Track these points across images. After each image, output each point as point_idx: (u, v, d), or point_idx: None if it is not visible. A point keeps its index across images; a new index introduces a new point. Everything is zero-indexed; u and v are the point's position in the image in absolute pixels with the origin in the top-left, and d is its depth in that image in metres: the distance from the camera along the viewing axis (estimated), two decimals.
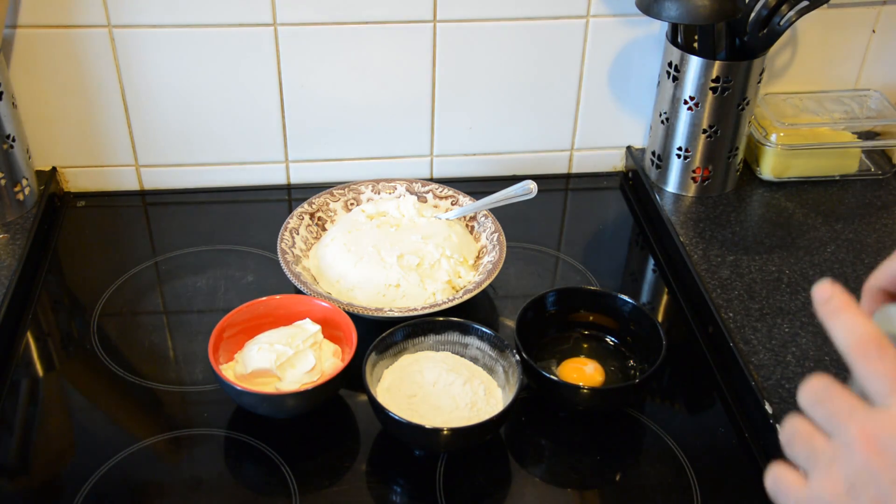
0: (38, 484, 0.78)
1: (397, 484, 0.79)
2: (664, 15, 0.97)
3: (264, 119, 1.12)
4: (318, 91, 1.10)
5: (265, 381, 0.81)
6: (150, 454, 0.80)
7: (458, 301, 0.90)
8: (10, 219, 1.04)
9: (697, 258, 1.00)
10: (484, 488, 0.79)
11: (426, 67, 1.10)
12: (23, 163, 1.04)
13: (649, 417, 0.85)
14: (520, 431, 0.84)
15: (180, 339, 0.94)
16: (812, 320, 0.91)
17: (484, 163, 1.19)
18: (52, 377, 0.90)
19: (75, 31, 1.02)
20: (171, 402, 0.86)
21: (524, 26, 1.08)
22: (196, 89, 1.08)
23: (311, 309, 0.87)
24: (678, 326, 0.98)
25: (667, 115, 1.09)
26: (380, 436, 0.82)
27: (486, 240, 1.01)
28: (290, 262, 0.94)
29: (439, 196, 1.06)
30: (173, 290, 1.00)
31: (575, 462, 0.81)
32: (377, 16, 1.05)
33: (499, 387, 0.83)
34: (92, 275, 1.02)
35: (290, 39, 1.06)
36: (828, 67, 1.17)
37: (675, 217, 1.08)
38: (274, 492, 0.77)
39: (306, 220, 1.02)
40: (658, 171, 1.13)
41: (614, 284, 1.04)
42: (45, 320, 0.96)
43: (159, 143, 1.12)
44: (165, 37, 1.04)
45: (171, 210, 1.14)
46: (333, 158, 1.16)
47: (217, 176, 1.16)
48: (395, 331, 0.85)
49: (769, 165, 1.13)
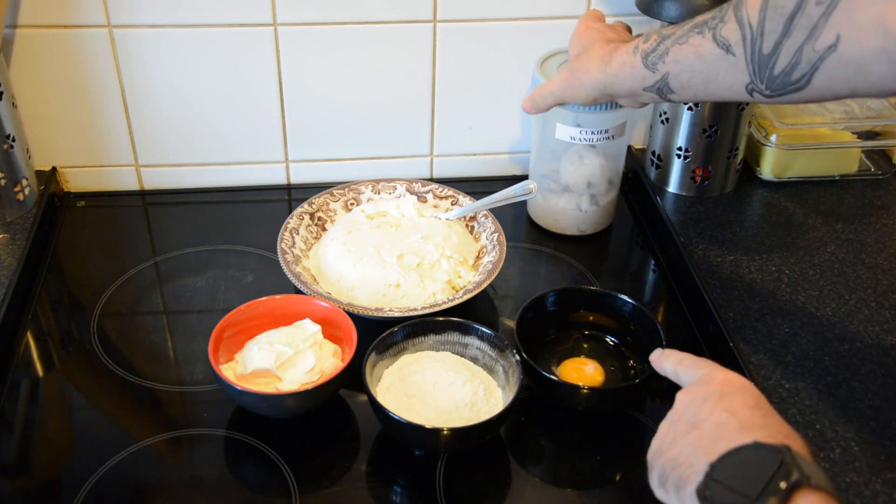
0: (38, 484, 0.78)
1: (397, 484, 0.79)
2: (664, 15, 0.97)
3: (264, 119, 1.12)
4: (319, 91, 1.10)
5: (265, 381, 0.81)
6: (150, 454, 0.80)
7: (458, 301, 0.90)
8: (10, 219, 1.04)
9: (697, 258, 1.00)
10: (484, 488, 0.79)
11: (426, 67, 1.10)
12: (23, 163, 1.04)
13: (649, 417, 0.85)
14: (520, 431, 0.84)
15: (180, 339, 0.94)
16: (812, 320, 0.91)
17: (484, 163, 1.19)
18: (52, 377, 0.90)
19: (75, 31, 1.02)
20: (171, 402, 0.86)
21: (524, 26, 1.08)
22: (196, 89, 1.08)
23: (311, 309, 0.87)
24: (678, 326, 0.98)
25: (667, 114, 1.09)
26: (380, 436, 0.82)
27: (486, 240, 1.01)
28: (290, 262, 0.94)
29: (439, 196, 1.06)
30: (173, 290, 1.00)
31: (575, 462, 0.81)
32: (377, 16, 1.05)
33: (499, 387, 0.83)
34: (92, 275, 1.02)
35: (290, 39, 1.06)
36: None
37: (675, 217, 1.08)
38: (274, 492, 0.77)
39: (306, 220, 1.02)
40: (658, 171, 1.13)
41: (614, 284, 1.04)
42: (45, 320, 0.96)
43: (159, 143, 1.12)
44: (165, 37, 1.04)
45: (171, 210, 1.14)
46: (333, 158, 1.16)
47: (217, 176, 1.16)
48: (395, 331, 0.85)
49: (769, 165, 1.13)
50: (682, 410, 0.63)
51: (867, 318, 0.92)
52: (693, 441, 0.59)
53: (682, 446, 0.60)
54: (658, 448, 0.63)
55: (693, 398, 0.63)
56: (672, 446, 0.61)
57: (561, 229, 1.09)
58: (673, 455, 0.60)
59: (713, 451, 0.57)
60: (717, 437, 0.58)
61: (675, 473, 0.59)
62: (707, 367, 0.67)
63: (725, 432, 0.58)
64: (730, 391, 0.62)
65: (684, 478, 0.58)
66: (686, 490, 0.57)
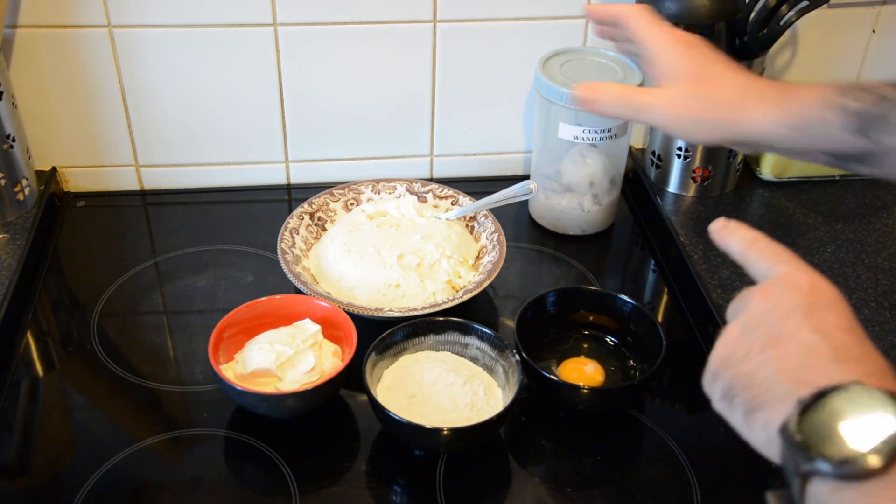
0: (38, 484, 0.78)
1: (397, 484, 0.79)
2: (664, 15, 0.97)
3: (264, 119, 1.12)
4: (318, 91, 1.10)
5: (265, 381, 0.81)
6: (150, 454, 0.80)
7: (458, 301, 0.90)
8: (10, 219, 1.04)
9: (697, 258, 1.00)
10: (484, 488, 0.79)
11: (426, 67, 1.10)
12: (23, 163, 1.04)
13: (649, 417, 0.85)
14: (520, 431, 0.84)
15: (180, 339, 0.94)
16: None
17: (484, 163, 1.19)
18: (52, 377, 0.90)
19: (75, 31, 1.02)
20: (171, 402, 0.86)
21: (524, 26, 1.08)
22: (196, 89, 1.08)
23: (311, 309, 0.87)
24: (678, 326, 0.98)
25: None
26: (380, 436, 0.82)
27: (486, 240, 1.01)
28: (290, 262, 0.94)
29: (439, 196, 1.06)
30: (173, 290, 1.00)
31: (575, 462, 0.81)
32: (377, 16, 1.05)
33: (499, 387, 0.83)
34: (92, 275, 1.02)
35: (290, 39, 1.06)
36: (828, 67, 1.17)
37: (675, 217, 1.08)
38: (274, 492, 0.77)
39: (306, 220, 1.02)
40: (658, 171, 1.13)
41: (614, 284, 1.04)
42: (45, 320, 0.96)
43: (159, 143, 1.12)
44: (165, 37, 1.04)
45: (171, 210, 1.14)
46: (333, 158, 1.16)
47: (217, 176, 1.16)
48: (395, 331, 0.85)
49: (769, 165, 1.13)
50: (759, 317, 0.53)
51: (867, 318, 0.92)
52: (774, 361, 0.51)
53: (759, 363, 0.51)
54: (726, 358, 0.54)
55: (775, 305, 0.53)
56: (745, 360, 0.52)
57: (563, 229, 1.09)
58: (746, 371, 0.52)
59: (800, 380, 0.49)
60: (804, 364, 0.50)
61: (747, 393, 0.51)
62: (788, 261, 0.56)
63: (816, 359, 0.50)
64: (821, 305, 0.52)
65: (759, 402, 0.51)
66: (758, 416, 0.50)
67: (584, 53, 1.05)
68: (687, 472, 0.80)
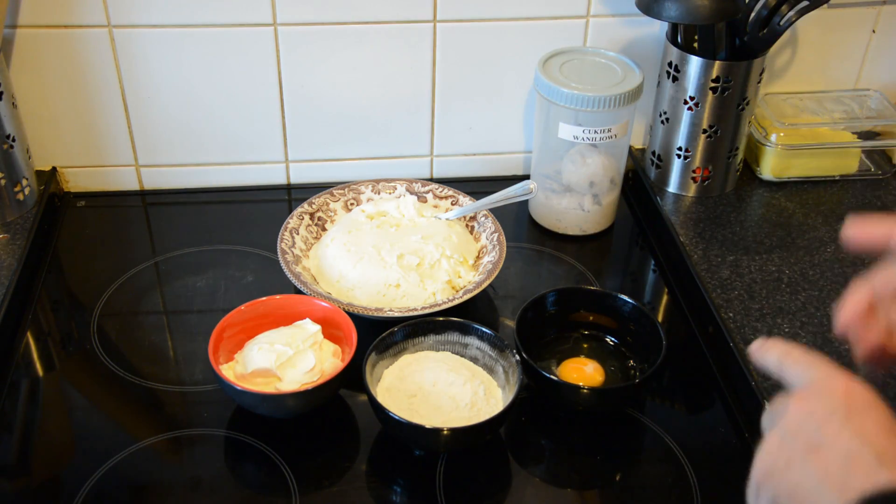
0: (38, 484, 0.78)
1: (397, 484, 0.79)
2: (664, 15, 0.97)
3: (264, 119, 1.12)
4: (318, 91, 1.10)
5: (265, 381, 0.81)
6: (150, 454, 0.80)
7: (458, 301, 0.90)
8: (10, 219, 1.04)
9: (697, 258, 1.00)
10: (484, 488, 0.79)
11: (426, 67, 1.10)
12: (23, 163, 1.04)
13: (649, 417, 0.85)
14: (520, 431, 0.84)
15: (180, 339, 0.94)
16: (812, 320, 0.91)
17: (484, 163, 1.19)
18: (52, 377, 0.90)
19: (75, 31, 1.02)
20: (171, 402, 0.86)
21: (524, 26, 1.08)
22: (196, 89, 1.08)
23: (311, 309, 0.87)
24: (678, 326, 0.98)
25: (667, 115, 1.09)
26: (380, 436, 0.82)
27: (486, 240, 1.01)
28: (290, 262, 0.94)
29: (439, 196, 1.06)
30: (173, 290, 1.00)
31: (575, 462, 0.81)
32: (377, 16, 1.05)
33: (499, 387, 0.83)
34: (92, 275, 1.02)
35: (290, 39, 1.06)
36: (828, 67, 1.17)
37: (675, 217, 1.08)
38: (274, 492, 0.77)
39: (306, 220, 1.02)
40: (658, 171, 1.13)
41: (614, 284, 1.04)
42: (45, 320, 0.96)
43: (159, 143, 1.12)
44: (165, 37, 1.04)
45: (171, 210, 1.14)
46: (333, 158, 1.16)
47: (217, 176, 1.16)
48: (395, 331, 0.85)
49: (769, 165, 1.13)
50: (797, 425, 0.53)
51: None
52: (817, 470, 0.50)
53: (803, 474, 0.51)
54: (769, 469, 0.53)
55: (812, 412, 0.52)
56: (787, 470, 0.52)
57: (563, 229, 1.09)
58: (790, 482, 0.51)
59: (845, 487, 0.48)
60: (848, 470, 0.49)
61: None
62: (822, 368, 0.56)
63: (859, 465, 0.49)
64: (858, 408, 0.52)
65: None
66: None
67: (584, 53, 1.06)
68: (687, 472, 0.79)
